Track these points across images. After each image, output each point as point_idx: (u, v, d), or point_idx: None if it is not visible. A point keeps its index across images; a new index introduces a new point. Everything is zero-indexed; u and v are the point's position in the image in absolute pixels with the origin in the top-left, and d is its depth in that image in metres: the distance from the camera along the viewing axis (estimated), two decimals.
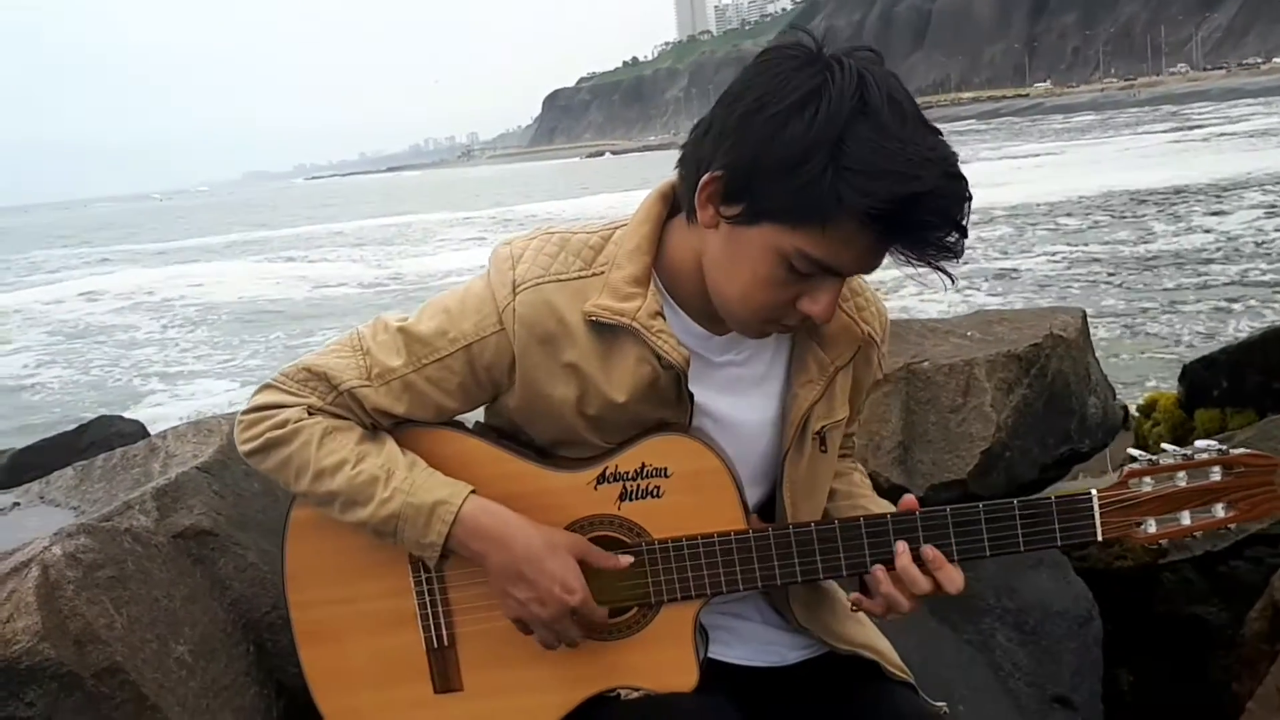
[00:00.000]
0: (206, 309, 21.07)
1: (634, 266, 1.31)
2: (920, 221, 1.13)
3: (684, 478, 1.35)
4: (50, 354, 17.20)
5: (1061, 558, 2.48)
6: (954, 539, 1.32)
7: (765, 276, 1.21)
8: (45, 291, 26.01)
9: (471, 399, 1.38)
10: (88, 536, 1.65)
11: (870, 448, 2.41)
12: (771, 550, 1.34)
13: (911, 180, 1.10)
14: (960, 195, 1.14)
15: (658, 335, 1.29)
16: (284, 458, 1.32)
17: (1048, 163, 38.40)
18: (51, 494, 2.19)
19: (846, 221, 1.13)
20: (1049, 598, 2.37)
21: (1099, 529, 1.31)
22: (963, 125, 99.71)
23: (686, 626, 1.39)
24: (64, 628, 1.54)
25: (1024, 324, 2.70)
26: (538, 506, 1.36)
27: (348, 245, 35.11)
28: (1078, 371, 2.73)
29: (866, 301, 1.44)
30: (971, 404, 2.41)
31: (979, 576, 2.37)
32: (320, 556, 1.42)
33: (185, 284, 24.33)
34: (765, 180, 1.16)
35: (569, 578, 1.31)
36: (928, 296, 14.11)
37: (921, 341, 2.65)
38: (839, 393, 1.42)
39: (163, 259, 35.75)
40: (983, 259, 17.20)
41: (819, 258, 1.17)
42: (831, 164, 1.11)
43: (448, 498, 1.30)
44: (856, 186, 1.11)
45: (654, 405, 1.34)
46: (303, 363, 1.36)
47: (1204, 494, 1.30)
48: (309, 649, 1.44)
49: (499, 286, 1.32)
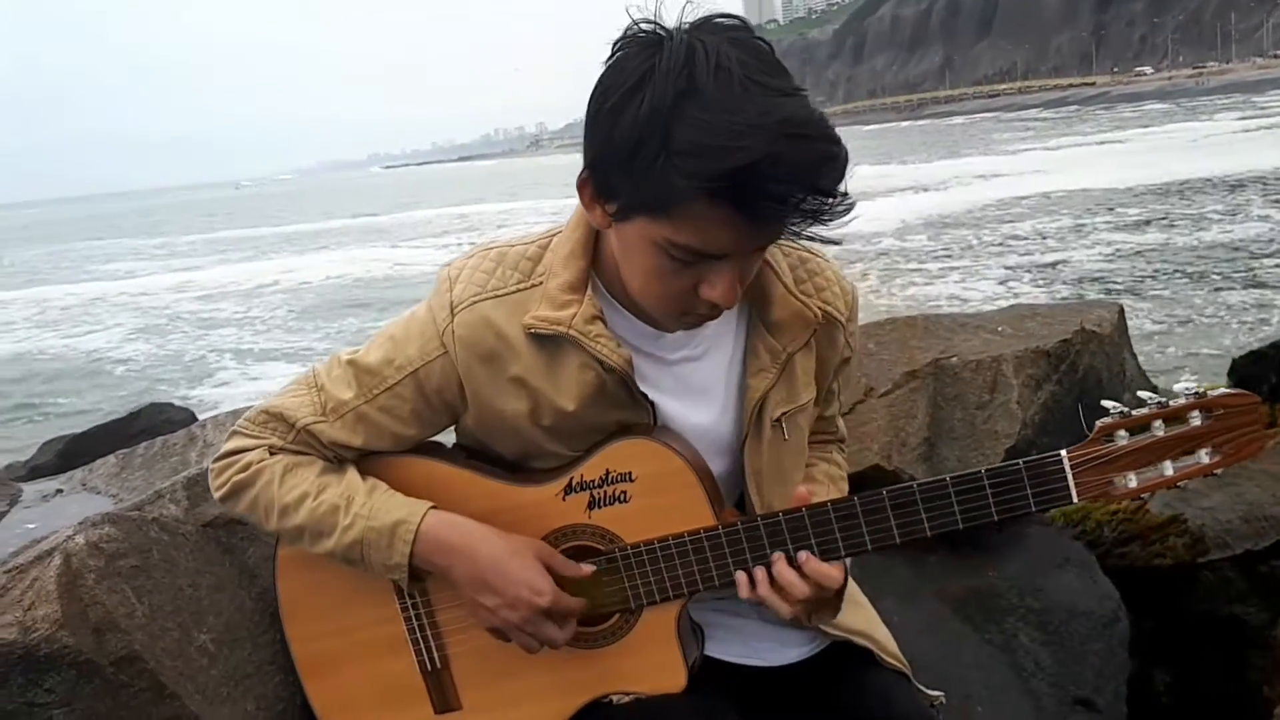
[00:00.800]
0: (291, 294, 21.51)
1: (569, 273, 1.30)
2: (764, 191, 1.06)
3: (648, 480, 1.35)
4: (135, 333, 17.71)
5: (1089, 557, 2.43)
6: (924, 513, 1.28)
7: (653, 269, 1.18)
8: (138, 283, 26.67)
9: (428, 424, 1.39)
10: (112, 526, 1.70)
11: (895, 444, 2.39)
12: (743, 543, 1.33)
13: (736, 152, 1.04)
14: (812, 155, 1.06)
15: (595, 340, 1.28)
16: (252, 499, 1.36)
17: (1111, 151, 37.49)
18: (94, 481, 2.27)
19: (693, 204, 1.08)
20: (1074, 598, 2.32)
21: (1073, 490, 1.25)
22: (1029, 114, 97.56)
23: (669, 628, 1.39)
24: (84, 616, 1.58)
25: (1056, 319, 2.66)
26: (510, 522, 1.37)
27: (432, 234, 35.43)
28: (1111, 367, 2.68)
29: (827, 281, 1.41)
30: (998, 400, 2.38)
31: (1003, 575, 2.34)
32: (310, 590, 1.46)
33: (276, 272, 24.82)
34: (616, 174, 1.14)
35: (535, 579, 1.31)
36: (970, 285, 13.91)
37: (951, 337, 2.62)
38: (800, 376, 1.40)
39: (258, 246, 36.28)
40: (1035, 250, 16.85)
41: (688, 244, 1.13)
42: (662, 150, 1.07)
43: (406, 517, 1.32)
44: (684, 169, 1.06)
45: (608, 409, 1.34)
46: (261, 406, 1.40)
47: (1185, 441, 1.24)
48: (311, 681, 1.49)
49: (438, 310, 1.33)
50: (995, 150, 46.85)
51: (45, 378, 14.21)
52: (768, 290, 1.36)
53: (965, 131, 77.03)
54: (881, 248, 18.62)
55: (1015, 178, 28.61)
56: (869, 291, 14.24)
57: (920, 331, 2.63)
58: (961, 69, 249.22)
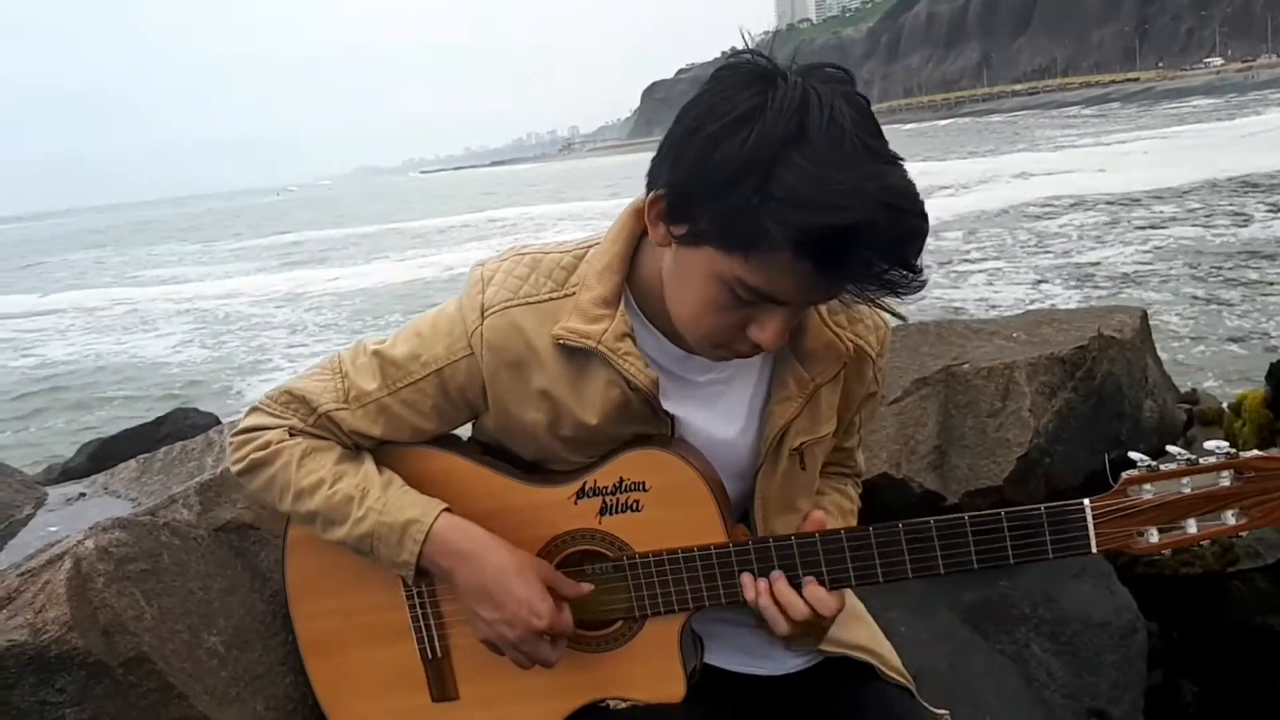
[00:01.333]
0: (340, 297, 21.71)
1: (603, 287, 1.30)
2: (856, 256, 1.06)
3: (662, 491, 1.35)
4: (191, 336, 17.96)
5: (1107, 567, 2.41)
6: (939, 550, 1.29)
7: (710, 301, 1.17)
8: (192, 288, 27.02)
9: (448, 420, 1.40)
10: (122, 530, 1.74)
11: (904, 452, 2.37)
12: (753, 563, 1.33)
13: (836, 211, 1.03)
14: (905, 229, 1.06)
15: (624, 358, 1.28)
16: (268, 478, 1.37)
17: (1154, 149, 36.85)
18: (115, 485, 2.31)
19: (778, 251, 1.07)
20: (1090, 608, 2.29)
21: (1094, 540, 1.25)
22: (1070, 112, 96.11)
23: (672, 640, 1.40)
24: (93, 618, 1.62)
25: (1073, 325, 2.62)
26: (520, 522, 1.38)
27: (474, 239, 35.62)
28: (1132, 374, 2.64)
29: (860, 314, 1.39)
30: (1010, 408, 2.35)
31: (1015, 585, 2.32)
32: (318, 571, 1.48)
33: (324, 279, 25.07)
34: (701, 202, 1.12)
35: (536, 601, 1.31)
36: (1000, 287, 13.73)
37: (963, 343, 2.59)
38: (824, 409, 1.39)
39: (301, 251, 36.60)
40: (1071, 249, 16.63)
41: (756, 286, 1.13)
42: (760, 191, 1.06)
43: (419, 516, 1.33)
44: (780, 216, 1.05)
45: (628, 423, 1.34)
46: (285, 386, 1.41)
47: (1211, 500, 1.23)
48: (313, 659, 1.51)
49: (469, 310, 1.33)
50: (1034, 148, 46.26)
51: (105, 382, 14.43)
52: (802, 320, 1.35)
53: (1004, 130, 76.18)
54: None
55: (1054, 176, 28.24)
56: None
57: (932, 338, 2.62)
58: (1000, 66, 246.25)
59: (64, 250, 54.02)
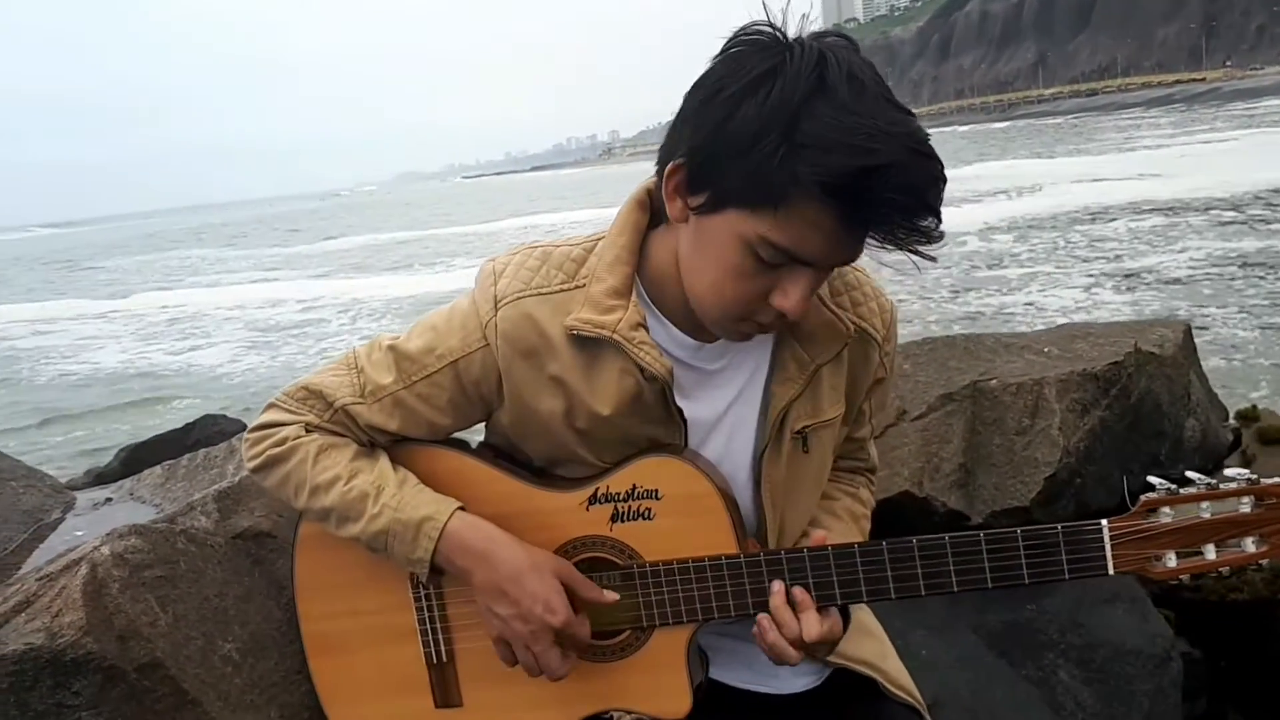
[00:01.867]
0: (390, 302, 21.93)
1: (614, 278, 1.30)
2: (882, 199, 1.06)
3: (675, 500, 1.34)
4: (247, 345, 18.25)
5: (1140, 592, 2.34)
6: (952, 567, 1.26)
7: (733, 267, 1.17)
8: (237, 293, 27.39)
9: (464, 415, 1.40)
10: (138, 537, 1.76)
11: (928, 470, 2.33)
12: (763, 574, 1.31)
13: (868, 153, 1.05)
14: (929, 173, 1.08)
15: (639, 347, 1.27)
16: (284, 474, 1.38)
17: (1218, 152, 35.93)
18: (140, 491, 2.35)
19: (805, 202, 1.09)
20: (1121, 635, 2.23)
21: (1110, 562, 1.23)
22: (1131, 114, 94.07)
23: (679, 652, 1.38)
24: (108, 624, 1.65)
25: (1109, 339, 2.55)
26: (531, 526, 1.37)
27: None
28: (1173, 391, 2.57)
29: (865, 296, 1.39)
30: (1039, 426, 2.30)
31: (1043, 609, 2.26)
32: (327, 570, 1.47)
33: (376, 285, 25.33)
34: (723, 164, 1.13)
35: (552, 597, 1.31)
36: (1050, 292, 13.46)
37: (993, 358, 2.54)
38: (826, 391, 1.37)
39: (376, 253, 36.92)
40: (1124, 254, 16.30)
41: (782, 244, 1.13)
42: (785, 142, 1.07)
43: (434, 514, 1.33)
44: (810, 161, 1.06)
45: (641, 420, 1.33)
46: (302, 381, 1.41)
47: (1231, 526, 1.21)
48: (317, 659, 1.50)
49: (482, 302, 1.34)
50: (1092, 151, 45.40)
51: (166, 389, 14.66)
52: None
53: (1061, 132, 74.85)
54: (965, 250, 18.25)
55: (1112, 182, 27.64)
56: (943, 299, 13.94)
57: (960, 351, 2.56)
58: (1056, 66, 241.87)
59: (105, 257, 55.17)
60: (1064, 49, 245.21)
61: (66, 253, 64.87)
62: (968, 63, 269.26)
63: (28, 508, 2.07)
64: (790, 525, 1.41)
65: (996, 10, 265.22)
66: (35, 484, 2.18)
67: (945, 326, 11.93)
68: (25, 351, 19.45)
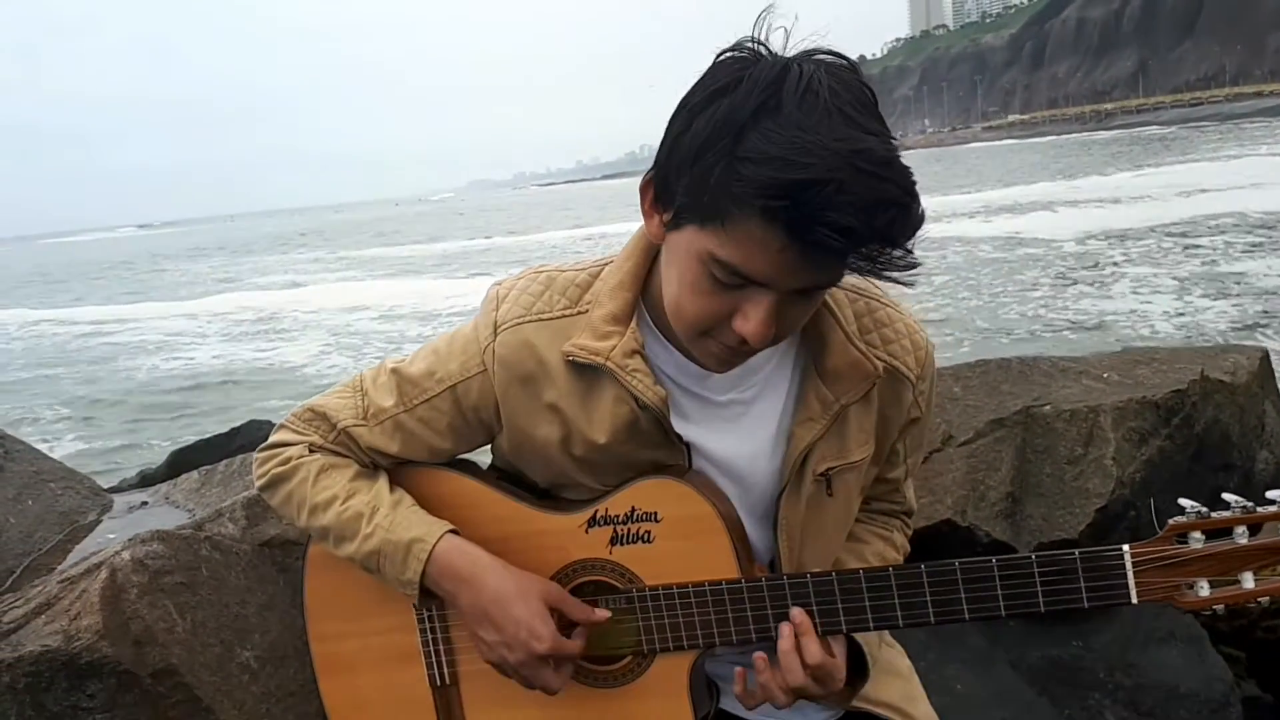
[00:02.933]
0: (470, 313, 22.33)
1: (614, 304, 1.28)
2: (819, 217, 1.00)
3: (674, 523, 1.30)
4: (330, 343, 18.70)
5: (1199, 631, 2.21)
6: (963, 594, 1.20)
7: (691, 284, 1.13)
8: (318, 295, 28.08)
9: (464, 439, 1.39)
10: (160, 543, 1.79)
11: (972, 498, 2.23)
12: (765, 601, 1.27)
13: (801, 168, 0.99)
14: (877, 195, 1.00)
15: (632, 374, 1.25)
16: (286, 493, 1.39)
17: None
18: (175, 496, 2.39)
19: (747, 219, 1.04)
20: (1176, 676, 2.11)
21: (1133, 590, 1.15)
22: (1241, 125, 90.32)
23: (681, 679, 1.34)
24: (125, 628, 1.67)
25: (1175, 366, 2.42)
26: (531, 548, 1.35)
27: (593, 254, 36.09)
28: (1245, 421, 2.42)
29: (896, 334, 1.33)
30: (1092, 455, 2.18)
31: (1089, 647, 2.15)
32: (335, 590, 1.47)
33: (446, 293, 25.76)
34: (677, 176, 1.10)
35: (536, 624, 1.28)
36: (1145, 298, 13.09)
37: (1048, 382, 2.43)
38: (853, 432, 1.32)
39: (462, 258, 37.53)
40: (1221, 260, 15.75)
41: (730, 261, 1.08)
42: (728, 154, 1.03)
43: (423, 536, 1.32)
44: (744, 175, 1.02)
45: (640, 446, 1.30)
46: (309, 403, 1.42)
47: (1271, 554, 1.12)
48: (326, 680, 1.50)
49: (483, 327, 1.33)
50: (1198, 161, 43.78)
51: (255, 384, 15.05)
52: (825, 336, 1.29)
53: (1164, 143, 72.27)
54: (1061, 253, 17.95)
55: (1218, 193, 26.66)
56: (1039, 303, 13.76)
57: (1014, 375, 2.45)
58: (1158, 75, 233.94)
59: (189, 259, 56.99)
60: (1166, 57, 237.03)
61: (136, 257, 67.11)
62: (1062, 71, 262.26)
63: (65, 509, 2.12)
64: (808, 568, 1.35)
65: (1095, 17, 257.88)
66: (74, 485, 2.23)
67: (1029, 330, 11.93)
68: (122, 347, 20.16)
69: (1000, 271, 17.10)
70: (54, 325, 25.08)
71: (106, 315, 26.24)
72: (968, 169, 59.27)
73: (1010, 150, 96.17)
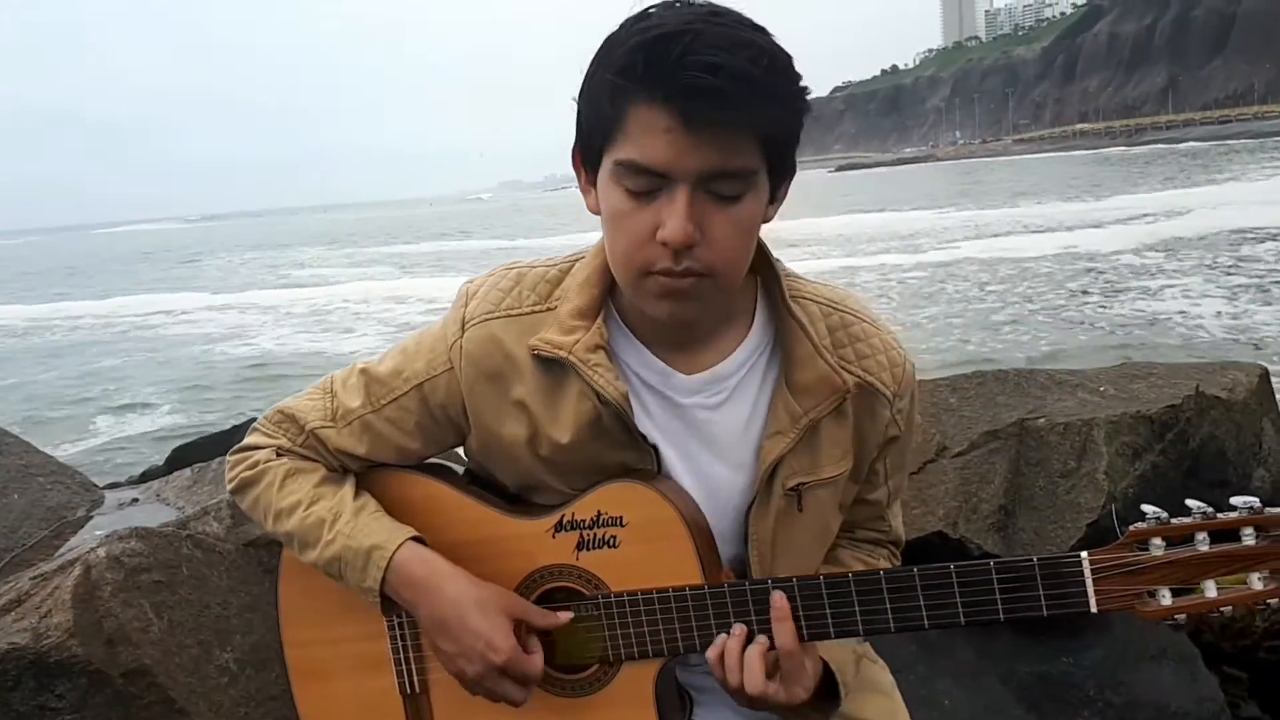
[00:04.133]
0: None
1: (581, 299, 1.27)
2: (682, 62, 1.05)
3: (639, 527, 1.28)
4: (385, 335, 18.78)
5: (1191, 650, 2.17)
6: (922, 601, 1.18)
7: (615, 214, 1.16)
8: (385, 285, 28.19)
9: (434, 439, 1.37)
10: (139, 540, 1.78)
11: (964, 510, 2.20)
12: (728, 608, 1.25)
13: (656, 26, 1.07)
14: (735, 37, 1.07)
15: (594, 369, 1.23)
16: (254, 498, 1.38)
17: None
18: (167, 493, 2.39)
19: (630, 108, 1.09)
20: (1167, 696, 2.07)
21: (1092, 598, 1.12)
22: (1271, 142, 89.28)
23: (647, 687, 1.32)
24: (97, 627, 1.66)
25: (1171, 381, 2.39)
26: (498, 554, 1.33)
27: None
28: (1241, 438, 2.38)
29: (871, 349, 1.31)
30: (1084, 469, 2.15)
31: (1080, 663, 2.11)
32: (307, 596, 1.46)
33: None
34: (581, 116, 1.17)
35: (494, 636, 1.26)
36: (1195, 298, 13.13)
37: (1044, 395, 2.40)
38: (825, 447, 1.29)
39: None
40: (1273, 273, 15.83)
41: (630, 159, 1.11)
42: (606, 65, 1.11)
43: (383, 543, 1.30)
44: (614, 62, 1.09)
45: (605, 446, 1.28)
46: (279, 405, 1.41)
47: (1233, 560, 1.09)
48: (300, 686, 1.49)
49: (451, 324, 1.32)
50: (1236, 177, 43.39)
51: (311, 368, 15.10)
52: (792, 348, 1.28)
53: (1197, 158, 71.52)
54: (1117, 262, 18.23)
55: (1260, 206, 26.47)
56: (1091, 307, 13.99)
57: (1010, 387, 2.42)
58: (1188, 91, 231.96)
59: (228, 251, 57.37)
60: (1197, 73, 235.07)
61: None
62: (1093, 85, 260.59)
63: (52, 504, 2.12)
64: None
65: (1126, 32, 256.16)
66: (63, 480, 2.23)
67: (1094, 330, 12.31)
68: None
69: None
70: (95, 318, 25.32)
71: (152, 305, 26.35)
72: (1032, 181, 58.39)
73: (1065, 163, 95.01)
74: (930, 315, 14.78)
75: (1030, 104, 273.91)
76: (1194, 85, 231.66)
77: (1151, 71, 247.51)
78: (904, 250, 24.62)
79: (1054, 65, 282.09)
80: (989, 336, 12.92)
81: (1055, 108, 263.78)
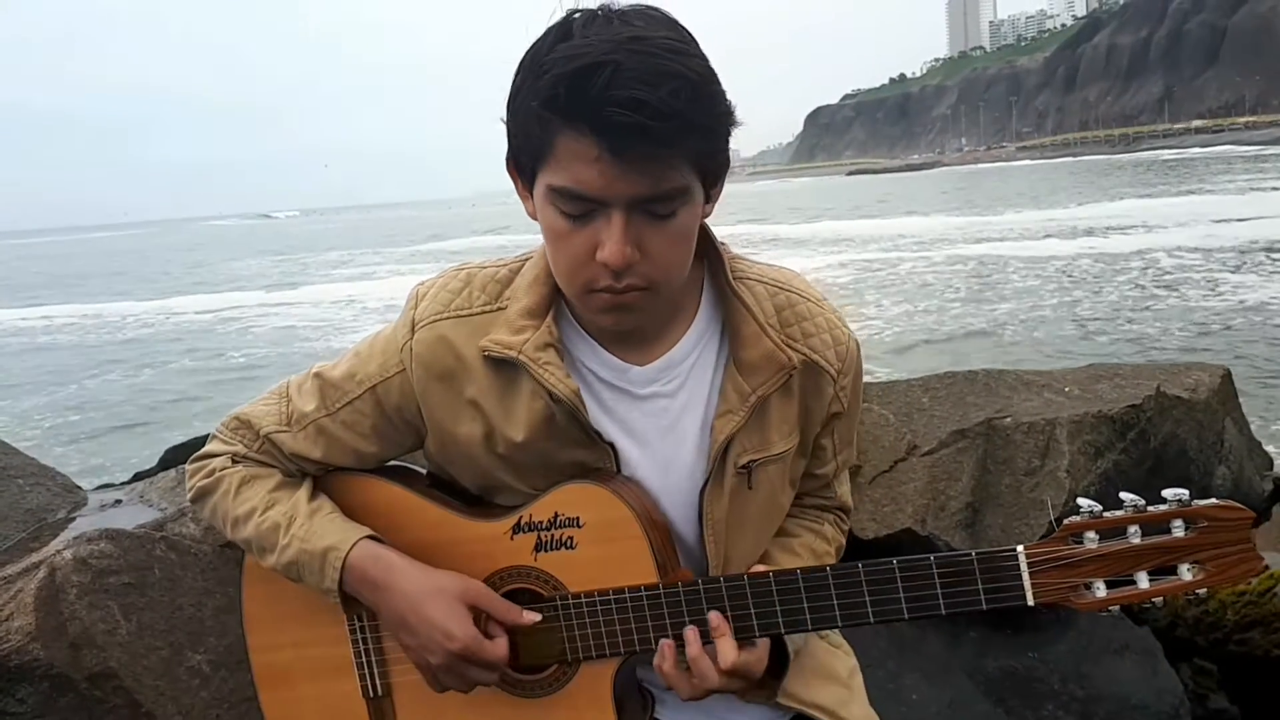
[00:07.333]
0: None
1: (530, 298, 1.28)
2: (603, 97, 1.04)
3: (596, 528, 1.30)
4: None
5: (1153, 644, 2.19)
6: (868, 596, 1.21)
7: (552, 233, 1.16)
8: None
9: (391, 442, 1.39)
10: (108, 542, 1.78)
11: (933, 508, 2.23)
12: (682, 606, 1.27)
13: (578, 58, 1.05)
14: (658, 68, 1.05)
15: (544, 368, 1.24)
16: (212, 505, 1.40)
17: None
18: (150, 494, 2.37)
19: (556, 134, 1.09)
20: (1128, 689, 2.09)
21: (1029, 591, 1.14)
22: (1266, 151, 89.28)
23: (605, 687, 1.33)
24: (61, 630, 1.65)
25: (1135, 381, 2.41)
26: (459, 556, 1.34)
27: None
28: (1203, 437, 2.41)
29: (817, 328, 1.33)
30: (1048, 467, 2.18)
31: (1044, 658, 2.13)
32: (270, 602, 1.47)
33: None
34: (510, 133, 1.16)
35: (450, 624, 1.27)
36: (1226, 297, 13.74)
37: (1011, 395, 2.42)
38: (775, 424, 1.32)
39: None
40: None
41: (563, 185, 1.11)
42: (531, 89, 1.09)
43: (337, 544, 1.31)
44: (539, 91, 1.07)
45: (561, 444, 1.30)
46: (235, 412, 1.43)
47: (1163, 552, 1.12)
48: (265, 691, 1.50)
49: (401, 327, 1.33)
50: (1234, 188, 43.48)
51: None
52: (739, 328, 1.30)
53: (1198, 168, 71.59)
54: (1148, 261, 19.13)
55: (1246, 222, 26.60)
56: (1131, 305, 14.53)
57: (979, 387, 2.45)
58: (1183, 101, 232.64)
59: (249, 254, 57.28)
60: (1191, 84, 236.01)
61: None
62: (1093, 95, 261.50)
63: (31, 506, 2.11)
64: (735, 562, 1.35)
65: (1124, 44, 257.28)
66: (44, 482, 2.23)
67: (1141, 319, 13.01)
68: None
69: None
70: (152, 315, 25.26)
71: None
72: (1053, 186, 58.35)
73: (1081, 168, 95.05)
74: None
75: (1033, 112, 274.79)
76: (1189, 95, 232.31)
77: (1148, 82, 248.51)
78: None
79: (1055, 75, 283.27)
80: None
81: (1057, 116, 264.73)
